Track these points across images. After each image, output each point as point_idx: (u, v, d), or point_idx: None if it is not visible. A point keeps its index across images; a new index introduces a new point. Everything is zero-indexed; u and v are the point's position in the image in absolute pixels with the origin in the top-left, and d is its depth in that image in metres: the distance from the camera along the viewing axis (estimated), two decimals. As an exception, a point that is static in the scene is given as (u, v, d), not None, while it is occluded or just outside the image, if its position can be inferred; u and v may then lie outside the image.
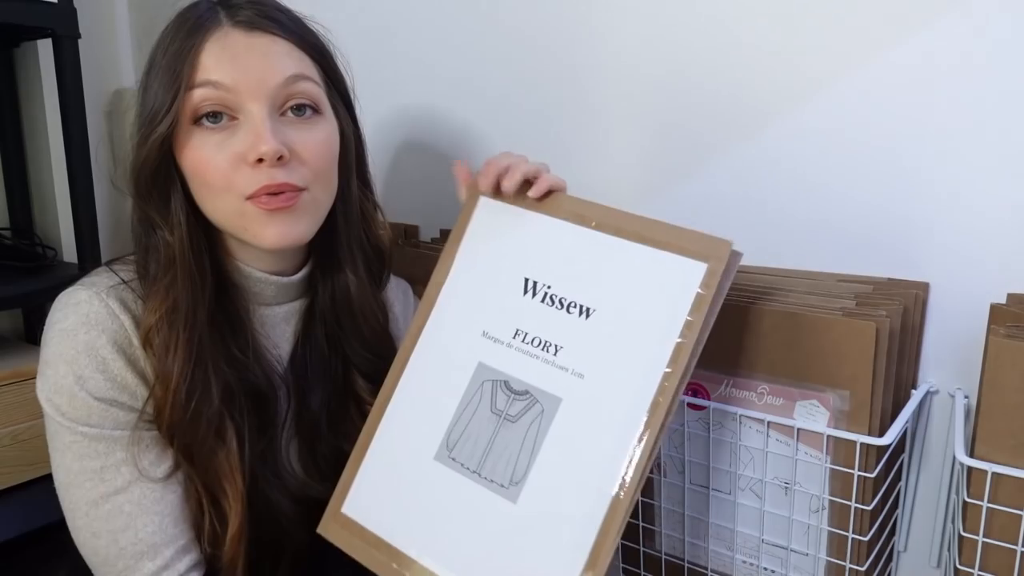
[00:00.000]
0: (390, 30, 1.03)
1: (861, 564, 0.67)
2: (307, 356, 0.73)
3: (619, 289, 0.58)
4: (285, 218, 0.63)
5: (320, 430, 0.74)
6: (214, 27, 0.62)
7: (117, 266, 0.66)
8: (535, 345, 0.59)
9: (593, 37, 0.85)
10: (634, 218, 0.60)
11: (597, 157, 0.88)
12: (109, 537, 0.63)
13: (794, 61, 0.73)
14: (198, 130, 0.62)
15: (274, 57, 0.63)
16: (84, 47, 1.13)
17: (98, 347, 0.61)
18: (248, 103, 0.61)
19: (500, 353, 0.60)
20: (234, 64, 0.61)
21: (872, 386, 0.63)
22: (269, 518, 0.69)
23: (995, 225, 0.66)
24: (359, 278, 0.73)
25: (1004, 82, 0.63)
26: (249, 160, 0.60)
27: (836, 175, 0.73)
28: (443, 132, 1.01)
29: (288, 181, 0.62)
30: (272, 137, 0.60)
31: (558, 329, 0.59)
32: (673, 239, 0.57)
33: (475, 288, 0.64)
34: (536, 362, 0.59)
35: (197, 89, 0.60)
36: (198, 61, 0.61)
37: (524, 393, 0.58)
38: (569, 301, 0.59)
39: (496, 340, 0.61)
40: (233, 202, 0.62)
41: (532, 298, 0.60)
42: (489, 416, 0.59)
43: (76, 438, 0.62)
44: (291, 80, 0.63)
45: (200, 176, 0.62)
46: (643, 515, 0.79)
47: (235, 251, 0.68)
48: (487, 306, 0.63)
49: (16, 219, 1.33)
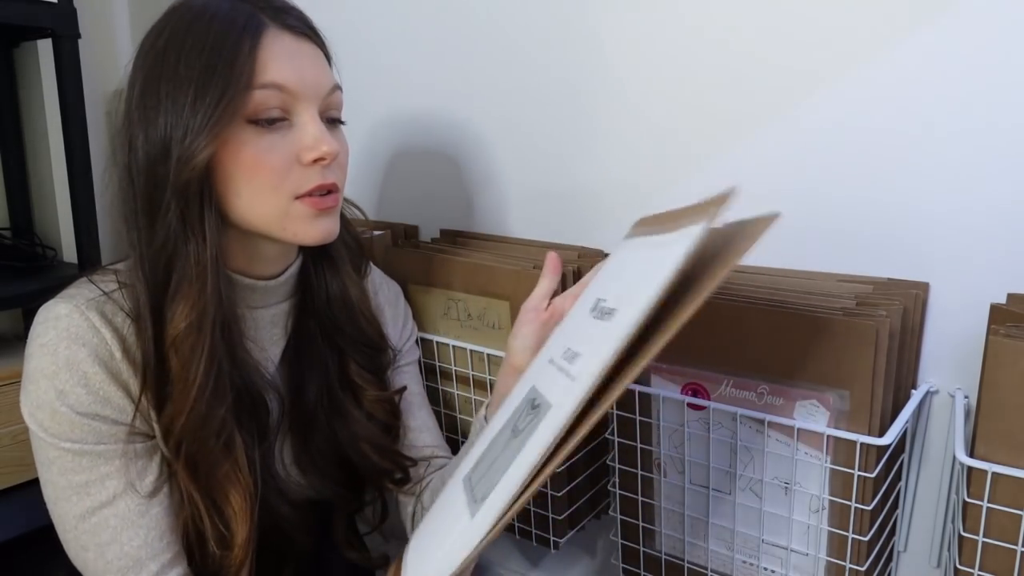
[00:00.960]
0: (391, 34, 1.03)
1: (861, 564, 0.67)
2: (300, 353, 0.74)
3: (634, 285, 0.52)
4: (328, 218, 0.66)
5: (315, 422, 0.74)
6: (264, 27, 0.61)
7: (97, 277, 0.65)
8: (567, 359, 0.55)
9: (591, 38, 0.85)
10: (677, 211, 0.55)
11: (596, 157, 0.88)
12: (96, 551, 0.62)
13: (794, 61, 0.73)
14: (251, 129, 0.61)
15: (320, 65, 0.65)
16: (84, 47, 1.13)
17: (79, 361, 0.60)
18: (302, 106, 0.63)
19: (548, 374, 0.57)
20: (293, 67, 0.62)
21: (872, 386, 0.63)
22: (272, 524, 0.69)
23: (995, 225, 0.66)
24: (349, 272, 0.75)
25: (1004, 82, 0.63)
26: (305, 160, 0.62)
27: (836, 175, 0.73)
28: (443, 133, 1.01)
29: (336, 181, 0.65)
30: (333, 138, 0.64)
31: (588, 337, 0.54)
32: (679, 218, 0.52)
33: (569, 320, 0.64)
34: (560, 375, 0.54)
35: (259, 90, 0.60)
36: (257, 61, 0.60)
37: (537, 407, 0.55)
38: (609, 308, 0.54)
39: (552, 362, 0.57)
40: (281, 201, 0.63)
41: (591, 314, 0.57)
42: (507, 434, 0.56)
43: (60, 453, 0.61)
44: (333, 89, 0.66)
45: (250, 174, 0.61)
46: (643, 515, 0.79)
47: (228, 259, 0.67)
48: (566, 334, 0.61)
49: (16, 219, 1.33)
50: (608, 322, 0.51)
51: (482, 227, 1.00)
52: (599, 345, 0.48)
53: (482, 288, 0.85)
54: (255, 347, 0.70)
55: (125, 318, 0.63)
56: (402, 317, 0.86)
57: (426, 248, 0.93)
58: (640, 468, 0.77)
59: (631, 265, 0.57)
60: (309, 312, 0.74)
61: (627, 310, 0.48)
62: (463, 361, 0.89)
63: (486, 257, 0.87)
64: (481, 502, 0.50)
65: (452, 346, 0.89)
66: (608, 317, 0.52)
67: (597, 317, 0.55)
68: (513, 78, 0.93)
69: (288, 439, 0.74)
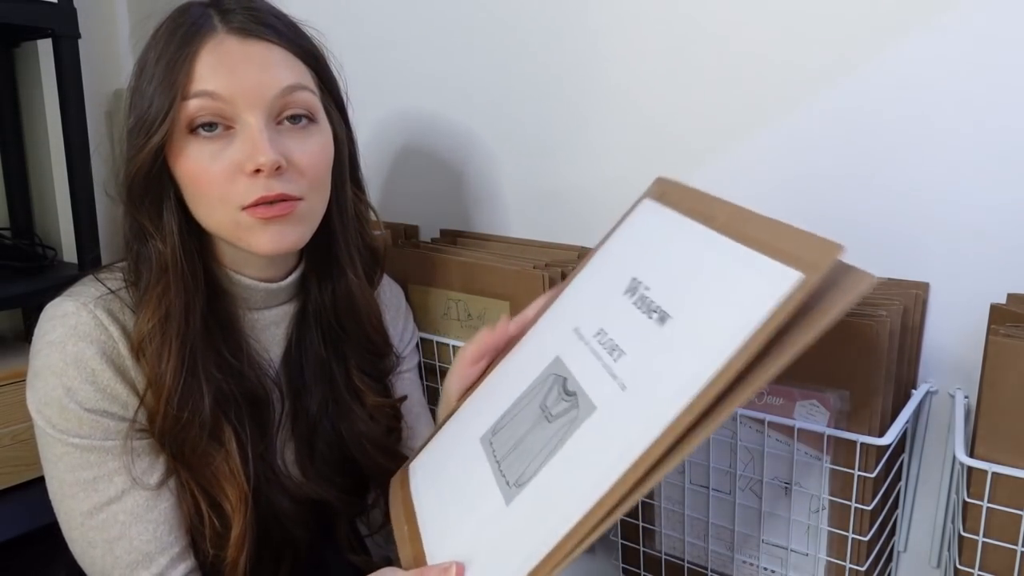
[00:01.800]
0: (390, 36, 1.03)
1: (861, 564, 0.67)
2: (301, 358, 0.73)
3: (702, 295, 0.48)
4: (280, 226, 0.63)
5: (319, 430, 0.74)
6: (209, 33, 0.61)
7: (103, 275, 0.66)
8: (606, 347, 0.52)
9: (589, 39, 0.85)
10: (747, 214, 0.49)
11: (596, 157, 0.88)
12: (104, 547, 0.63)
13: (793, 61, 0.73)
14: (193, 139, 0.61)
15: (270, 66, 0.62)
16: (84, 47, 1.13)
17: (86, 358, 0.61)
18: (244, 113, 0.60)
19: (578, 350, 0.55)
20: (230, 74, 0.60)
21: (872, 386, 0.63)
22: (272, 518, 0.69)
23: (995, 225, 0.66)
24: (359, 279, 0.73)
25: (1004, 81, 0.63)
26: (246, 170, 0.60)
27: (835, 175, 0.73)
28: (442, 134, 1.01)
29: (285, 191, 0.61)
30: (270, 148, 0.60)
31: (633, 333, 0.51)
32: (769, 236, 0.46)
33: (593, 285, 0.60)
34: (598, 365, 0.52)
35: (193, 99, 0.60)
36: (193, 70, 0.60)
37: (572, 395, 0.53)
38: (656, 304, 0.50)
39: (581, 337, 0.55)
40: (228, 212, 0.62)
41: (630, 298, 0.53)
42: (536, 411, 0.54)
43: (68, 449, 0.62)
44: (287, 91, 0.62)
45: (195, 185, 0.62)
46: (643, 515, 0.79)
47: (224, 257, 0.67)
48: (593, 303, 0.58)
49: (16, 219, 1.33)
50: (661, 328, 0.48)
51: (482, 227, 1.00)
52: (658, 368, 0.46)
53: (482, 288, 0.85)
54: (258, 346, 0.71)
55: (131, 314, 0.63)
56: (403, 320, 0.86)
57: (426, 248, 0.93)
58: (640, 468, 0.77)
59: (686, 261, 0.51)
60: (312, 316, 0.73)
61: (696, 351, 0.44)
62: (463, 361, 0.89)
63: (486, 257, 0.87)
64: (516, 488, 0.50)
65: (452, 346, 0.89)
66: (659, 320, 0.49)
67: (639, 307, 0.51)
68: (513, 78, 0.93)
69: (291, 443, 0.74)
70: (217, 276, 0.67)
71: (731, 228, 0.49)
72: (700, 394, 0.42)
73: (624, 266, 0.57)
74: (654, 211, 0.60)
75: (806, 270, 0.41)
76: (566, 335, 0.57)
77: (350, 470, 0.77)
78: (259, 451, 0.68)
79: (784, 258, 0.43)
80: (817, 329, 0.41)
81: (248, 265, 0.68)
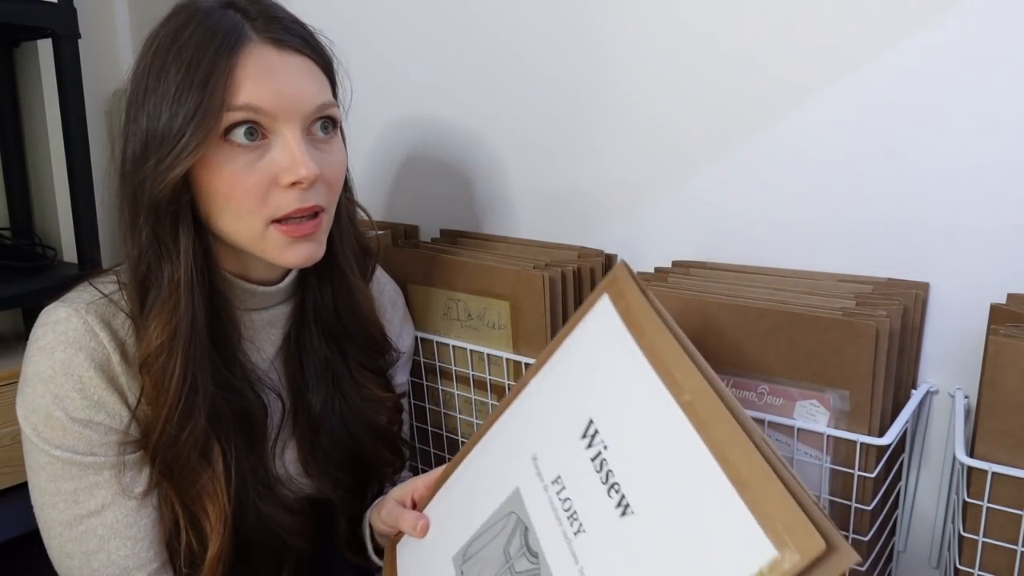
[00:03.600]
0: (394, 39, 1.03)
1: (861, 564, 0.67)
2: (301, 356, 0.73)
3: (671, 506, 0.43)
4: (306, 243, 0.63)
5: (322, 426, 0.74)
6: (244, 42, 0.58)
7: (99, 280, 0.65)
8: (565, 509, 0.49)
9: (590, 41, 0.85)
10: (729, 422, 0.42)
11: (596, 158, 0.88)
12: (82, 558, 0.62)
13: (794, 60, 0.73)
14: (227, 147, 0.59)
15: (307, 80, 0.62)
16: (84, 47, 1.13)
17: (75, 366, 0.60)
18: (282, 125, 0.60)
19: (536, 492, 0.52)
20: (272, 86, 0.59)
21: (872, 386, 0.62)
22: (264, 530, 0.69)
23: (995, 225, 0.66)
24: (356, 277, 0.74)
25: (1003, 81, 0.63)
26: (283, 182, 0.60)
27: (836, 175, 0.73)
28: (443, 135, 1.01)
29: (317, 203, 0.62)
30: (311, 161, 0.60)
31: (591, 506, 0.47)
32: (759, 494, 0.38)
33: (551, 398, 0.57)
34: (557, 530, 0.49)
35: (235, 111, 0.58)
36: (234, 81, 0.58)
37: (535, 556, 0.50)
38: (615, 481, 0.46)
39: (539, 473, 0.53)
40: (257, 225, 0.61)
41: (586, 448, 0.50)
42: (500, 553, 0.53)
43: (50, 460, 0.61)
44: (322, 107, 0.62)
45: (226, 196, 0.60)
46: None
47: (227, 262, 0.67)
48: (548, 431, 0.55)
49: (16, 219, 1.33)
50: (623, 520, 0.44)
51: (482, 227, 1.00)
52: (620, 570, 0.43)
53: (482, 288, 0.85)
54: (252, 347, 0.70)
55: (125, 319, 0.63)
56: (400, 319, 0.86)
57: (426, 248, 0.93)
58: (640, 468, 0.77)
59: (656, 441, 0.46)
60: (310, 314, 0.73)
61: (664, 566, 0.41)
62: (463, 361, 0.89)
63: (486, 257, 0.87)
64: None
65: (452, 346, 0.89)
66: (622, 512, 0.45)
67: (598, 472, 0.48)
68: (514, 79, 0.93)
69: (292, 442, 0.74)
70: (217, 282, 0.66)
71: (705, 426, 0.43)
72: None
73: (579, 396, 0.54)
74: (609, 320, 0.54)
75: (784, 551, 0.36)
76: (524, 464, 0.55)
77: (351, 466, 0.77)
78: (249, 466, 0.67)
79: (765, 525, 0.37)
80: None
81: (251, 270, 0.68)
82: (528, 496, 0.53)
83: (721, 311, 0.68)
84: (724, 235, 0.80)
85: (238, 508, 0.66)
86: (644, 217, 0.86)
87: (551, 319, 0.79)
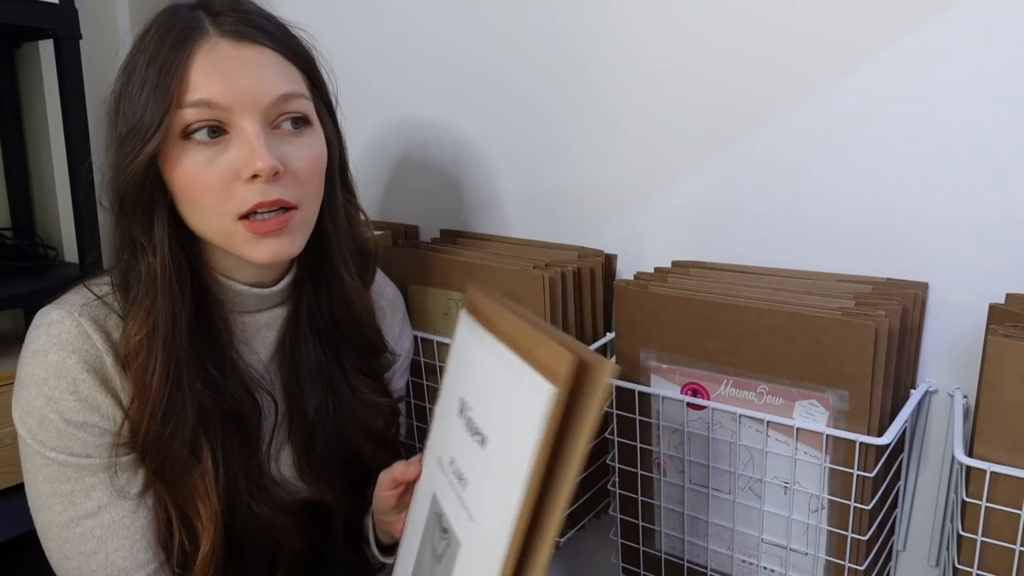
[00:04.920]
0: (391, 41, 1.04)
1: (860, 563, 0.67)
2: (295, 360, 0.73)
3: (502, 411, 0.49)
4: (276, 239, 0.62)
5: (317, 431, 0.74)
6: (201, 38, 0.59)
7: (93, 281, 0.65)
8: (456, 476, 0.53)
9: (591, 40, 0.85)
10: (507, 315, 0.51)
11: (596, 157, 0.88)
12: (80, 560, 0.62)
13: (794, 60, 0.73)
14: (188, 145, 0.59)
15: (265, 72, 0.61)
16: (85, 48, 1.13)
17: (68, 368, 0.60)
18: (240, 119, 0.60)
19: (443, 483, 0.56)
20: (225, 80, 0.59)
21: (871, 386, 0.63)
22: (258, 530, 0.69)
23: (995, 225, 0.66)
24: (354, 280, 0.73)
25: (1003, 81, 0.63)
26: (243, 176, 0.59)
27: (836, 175, 0.73)
28: (443, 136, 1.01)
29: (281, 197, 0.61)
30: (268, 152, 0.59)
31: (469, 459, 0.52)
32: (532, 343, 0.47)
33: (442, 409, 0.62)
34: (455, 497, 0.53)
35: (188, 108, 0.58)
36: (188, 77, 0.58)
37: (447, 532, 0.53)
38: (477, 427, 0.52)
39: (442, 467, 0.57)
40: (223, 222, 0.61)
41: (462, 420, 0.55)
42: (431, 558, 0.56)
43: (45, 462, 0.61)
44: (283, 98, 0.62)
45: (190, 193, 0.60)
46: (643, 515, 0.79)
47: (216, 263, 0.66)
48: (443, 429, 0.59)
49: (17, 219, 1.33)
50: (483, 451, 0.50)
51: (482, 227, 1.00)
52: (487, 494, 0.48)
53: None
54: (247, 349, 0.70)
55: (118, 321, 0.63)
56: (399, 323, 0.86)
57: (426, 248, 0.93)
58: (640, 468, 0.77)
59: (487, 377, 0.53)
60: (306, 319, 0.73)
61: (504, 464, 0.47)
62: (463, 361, 0.89)
63: (486, 257, 0.87)
64: None
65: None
66: (481, 443, 0.50)
67: (468, 429, 0.53)
68: (513, 80, 0.93)
69: (287, 446, 0.74)
70: (207, 282, 0.66)
71: (510, 337, 0.50)
72: (517, 518, 0.44)
73: (455, 386, 0.59)
74: (466, 325, 0.60)
75: (556, 381, 0.43)
76: (434, 468, 0.59)
77: (347, 471, 0.77)
78: (241, 465, 0.67)
79: (541, 369, 0.45)
80: (584, 438, 0.44)
81: (240, 271, 0.67)
82: (440, 491, 0.57)
83: (721, 311, 0.68)
84: (724, 235, 0.81)
85: (230, 508, 0.66)
86: (644, 217, 0.86)
87: (551, 319, 0.79)
